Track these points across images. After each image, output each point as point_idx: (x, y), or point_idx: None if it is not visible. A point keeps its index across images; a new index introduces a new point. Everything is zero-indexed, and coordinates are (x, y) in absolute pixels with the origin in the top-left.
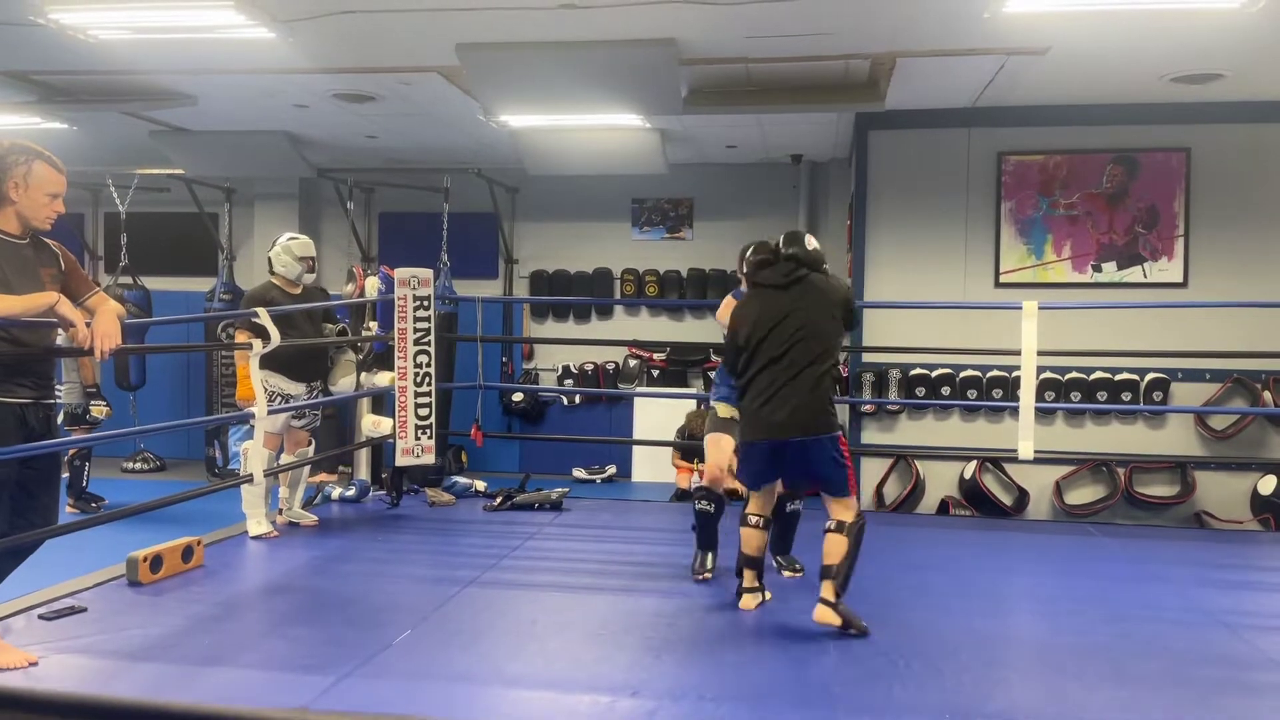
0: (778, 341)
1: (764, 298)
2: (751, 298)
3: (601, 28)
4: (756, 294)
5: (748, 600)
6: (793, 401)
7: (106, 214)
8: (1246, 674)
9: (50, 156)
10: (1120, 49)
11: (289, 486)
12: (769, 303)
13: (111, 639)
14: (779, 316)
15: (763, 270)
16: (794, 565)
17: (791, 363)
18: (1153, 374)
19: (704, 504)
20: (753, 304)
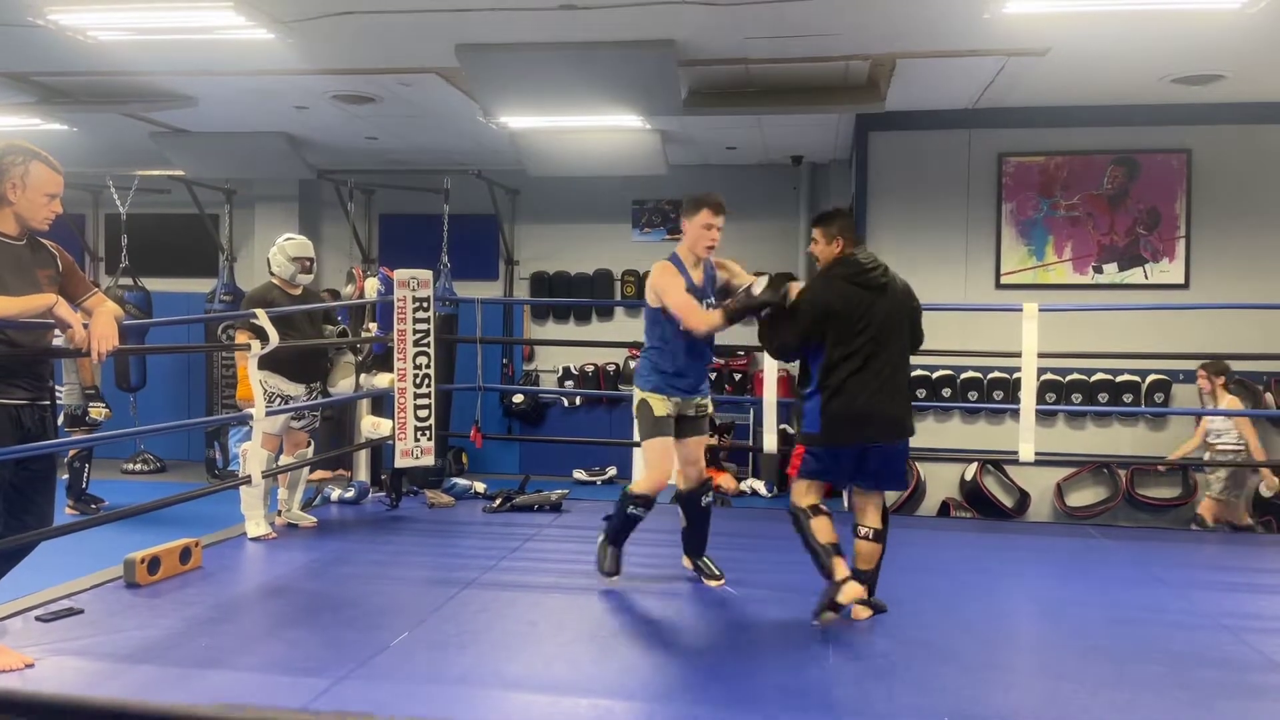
0: (872, 342)
1: (850, 294)
2: (833, 289)
3: (601, 29)
4: (840, 288)
5: (853, 589)
6: (889, 406)
7: (107, 215)
8: (1247, 676)
9: (47, 157)
10: (1121, 50)
11: (288, 488)
12: (858, 300)
13: (108, 641)
14: (873, 317)
15: (854, 267)
16: (714, 571)
17: (886, 364)
18: (1154, 375)
19: (639, 509)
20: (835, 296)
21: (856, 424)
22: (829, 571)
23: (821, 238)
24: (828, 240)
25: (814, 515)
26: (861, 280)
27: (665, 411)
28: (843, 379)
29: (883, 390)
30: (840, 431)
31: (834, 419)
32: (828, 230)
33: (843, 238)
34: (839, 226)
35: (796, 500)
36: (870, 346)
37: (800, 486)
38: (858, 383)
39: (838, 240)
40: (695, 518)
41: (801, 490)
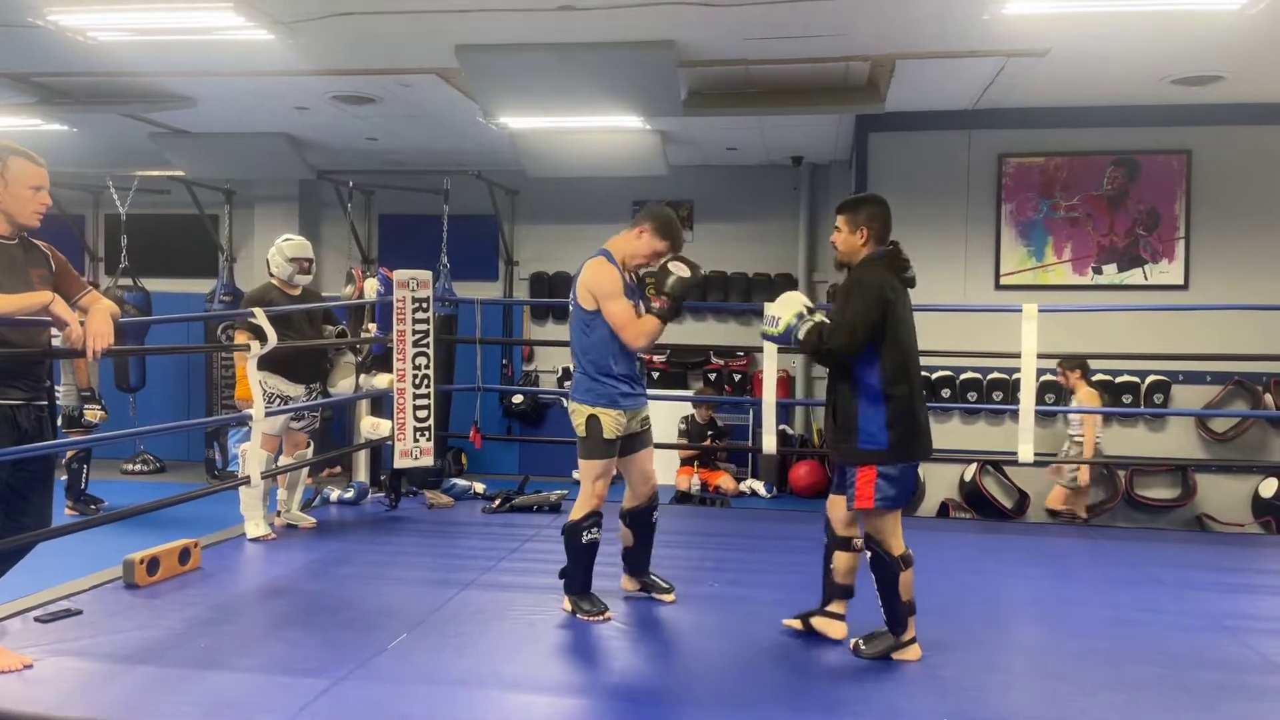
0: (914, 344)
1: (899, 289)
2: (892, 287)
3: (600, 29)
4: (893, 281)
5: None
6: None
7: (106, 216)
8: (1246, 678)
9: (25, 150)
10: (1120, 51)
11: (287, 488)
12: (906, 302)
13: (107, 641)
14: (910, 316)
15: (900, 263)
16: (663, 585)
17: (919, 372)
18: (1153, 376)
19: (595, 531)
20: (897, 297)
21: (924, 436)
22: (901, 630)
23: (845, 226)
24: (852, 229)
25: (907, 567)
26: (903, 276)
27: (615, 433)
28: (907, 383)
29: (921, 392)
30: (915, 444)
31: (908, 430)
32: (853, 218)
33: (868, 229)
34: (867, 215)
35: (887, 540)
36: (914, 349)
37: (887, 523)
38: (914, 388)
39: (863, 231)
40: (645, 536)
41: (890, 527)
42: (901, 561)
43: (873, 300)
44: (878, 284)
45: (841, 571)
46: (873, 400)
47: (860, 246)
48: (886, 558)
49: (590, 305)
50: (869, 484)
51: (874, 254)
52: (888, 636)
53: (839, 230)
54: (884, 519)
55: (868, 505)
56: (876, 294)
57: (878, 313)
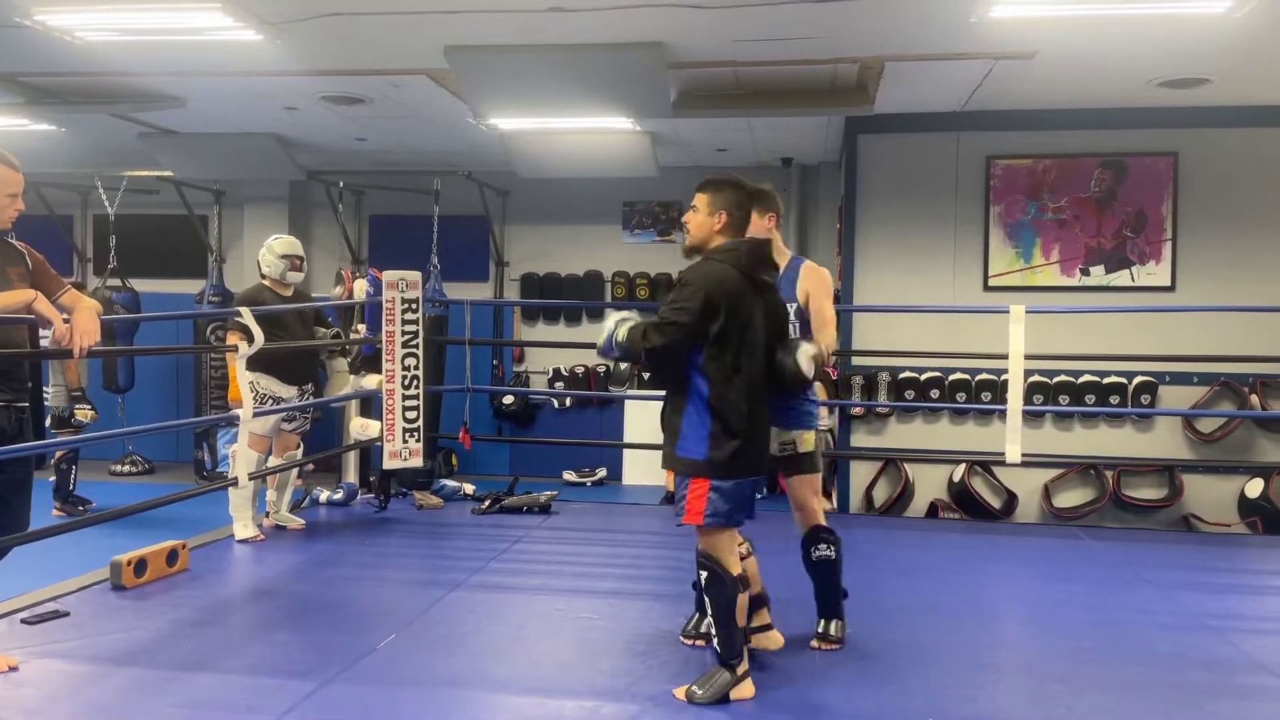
0: (751, 345)
1: (740, 286)
2: (732, 284)
3: (589, 31)
4: (732, 276)
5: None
6: (765, 418)
7: (95, 216)
8: (1232, 677)
9: (6, 156)
10: (1107, 53)
11: (276, 489)
12: (745, 297)
13: (94, 643)
14: (753, 318)
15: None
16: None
17: (759, 373)
18: (1141, 377)
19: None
20: (738, 297)
21: (757, 448)
22: (736, 661)
23: (704, 206)
24: (710, 211)
25: (743, 589)
26: (751, 274)
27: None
28: (739, 391)
29: (762, 406)
30: (745, 459)
31: (736, 442)
32: (714, 199)
33: (726, 215)
34: (728, 200)
35: (721, 558)
36: (751, 353)
37: (723, 541)
38: (749, 396)
39: (720, 216)
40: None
41: (726, 545)
42: (740, 582)
43: (701, 296)
44: (713, 279)
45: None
46: (699, 408)
47: (714, 232)
48: (725, 577)
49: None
50: (700, 498)
51: (727, 245)
52: (723, 673)
53: (695, 210)
54: (718, 536)
55: (696, 520)
56: (707, 290)
57: (705, 310)
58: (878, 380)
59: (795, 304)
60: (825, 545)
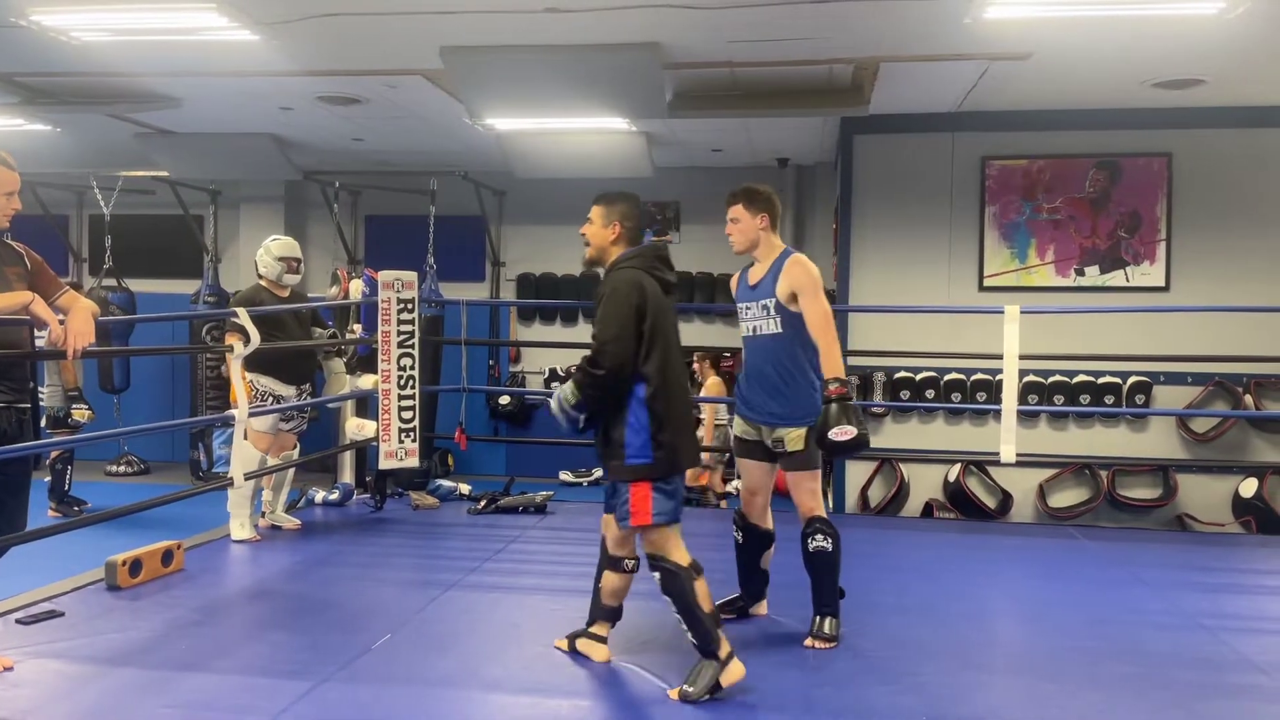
0: (672, 348)
1: (655, 288)
2: (647, 282)
3: (585, 31)
4: (648, 281)
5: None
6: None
7: (91, 216)
8: (1225, 676)
9: (1, 155)
10: (1101, 54)
11: (272, 489)
12: (660, 299)
13: (89, 644)
14: (668, 318)
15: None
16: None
17: (682, 372)
18: (1135, 377)
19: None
20: (654, 300)
21: (689, 444)
22: (713, 646)
23: (598, 218)
24: (605, 222)
25: (699, 575)
26: (661, 277)
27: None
28: (669, 391)
29: (686, 399)
30: (681, 454)
31: (673, 440)
32: (608, 211)
33: (621, 225)
34: (621, 211)
35: (669, 554)
36: (672, 354)
37: (668, 538)
38: (676, 395)
39: (615, 226)
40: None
41: (672, 540)
42: (693, 570)
43: (630, 308)
44: (635, 285)
45: (608, 592)
46: (637, 413)
47: (611, 243)
48: (678, 570)
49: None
50: (644, 499)
51: (629, 253)
52: (707, 665)
53: (590, 222)
54: (663, 533)
55: (645, 521)
56: (635, 301)
57: (636, 316)
58: (873, 380)
59: (774, 299)
60: (822, 536)
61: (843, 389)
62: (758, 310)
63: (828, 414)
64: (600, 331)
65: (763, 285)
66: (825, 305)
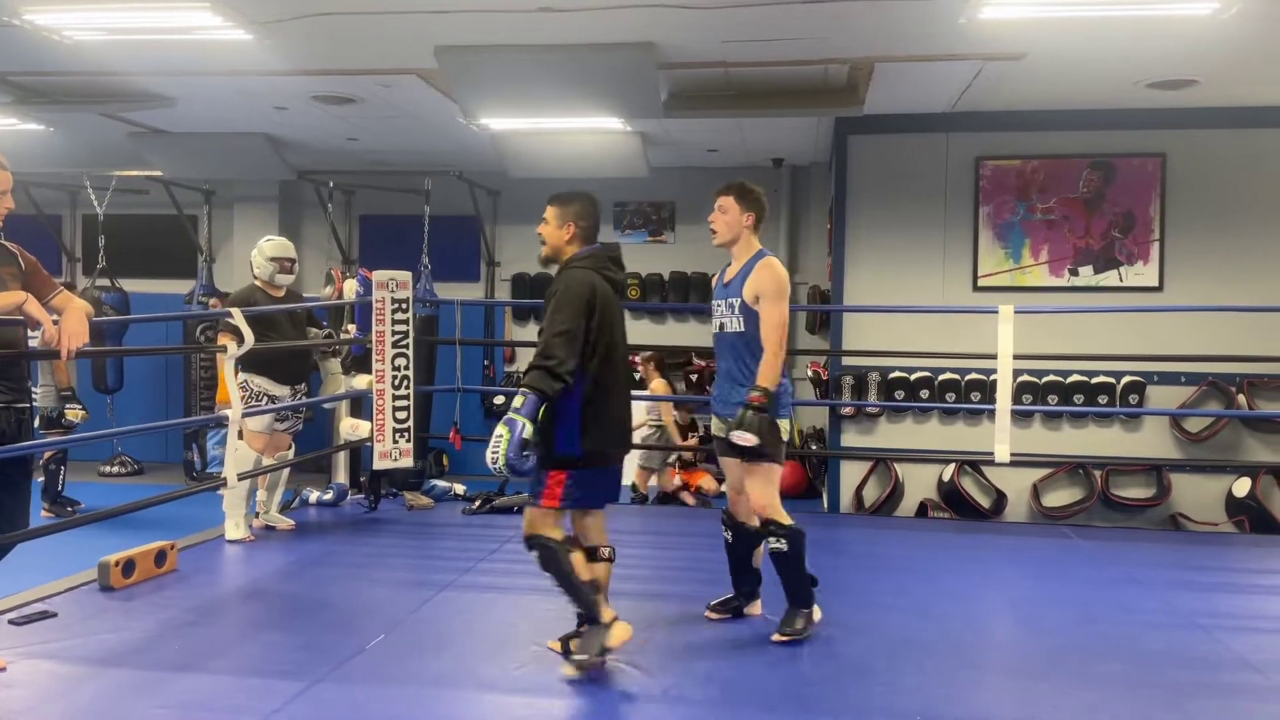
0: (615, 346)
1: (604, 289)
2: (597, 282)
3: (580, 31)
4: (597, 280)
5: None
6: (628, 414)
7: (84, 216)
8: (1218, 675)
9: None
10: (1096, 55)
11: (267, 490)
12: (609, 297)
13: (82, 644)
14: (615, 318)
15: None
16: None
17: (624, 369)
18: (1129, 377)
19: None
20: (604, 299)
21: (619, 438)
22: (595, 613)
23: (553, 219)
24: (560, 223)
25: (573, 549)
26: (611, 278)
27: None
28: (608, 389)
29: (623, 399)
30: (608, 451)
31: (600, 434)
32: (562, 212)
33: (575, 225)
34: (575, 211)
35: (544, 532)
36: (613, 352)
37: (546, 517)
38: (614, 393)
39: (570, 227)
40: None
41: (549, 521)
42: (569, 543)
43: (580, 306)
44: (585, 285)
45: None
46: (572, 407)
47: (566, 243)
48: (553, 545)
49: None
50: (559, 484)
51: (582, 253)
52: (593, 632)
53: (546, 222)
54: (544, 517)
55: (554, 505)
56: (584, 299)
57: (586, 316)
58: (868, 380)
59: (739, 298)
60: (775, 539)
61: (763, 399)
62: (725, 308)
63: (742, 416)
64: (550, 326)
65: (733, 284)
66: (783, 314)
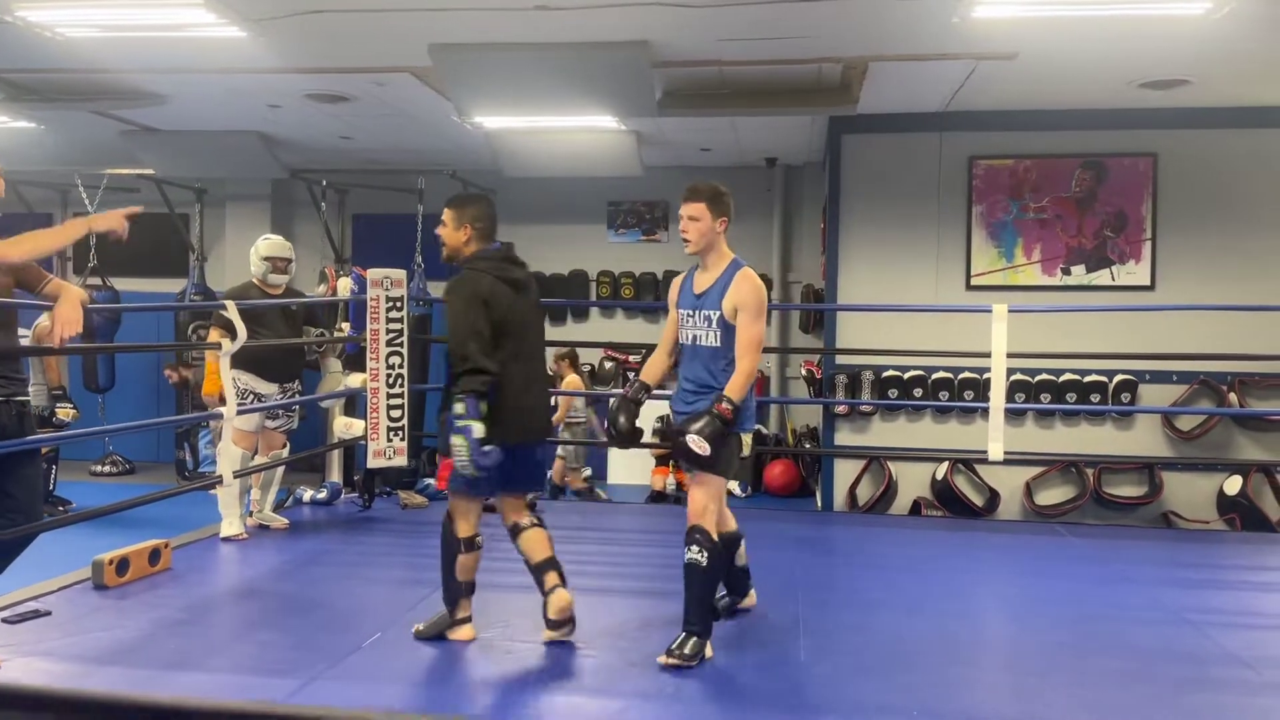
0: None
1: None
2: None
3: (574, 29)
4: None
5: (468, 631)
6: (535, 404)
7: (75, 214)
8: (1210, 670)
9: None
10: (1088, 55)
11: (260, 488)
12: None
13: (75, 643)
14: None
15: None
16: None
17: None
18: (1121, 376)
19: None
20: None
21: (511, 425)
22: (454, 607)
23: (450, 222)
24: (456, 225)
25: (466, 550)
26: (506, 276)
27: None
28: (506, 382)
29: (528, 389)
30: (505, 437)
31: (497, 423)
32: (459, 215)
33: (472, 228)
34: (472, 214)
35: (457, 520)
36: (515, 345)
37: (459, 505)
38: (510, 385)
39: (467, 229)
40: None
41: (463, 510)
42: (464, 544)
43: (475, 307)
44: (477, 286)
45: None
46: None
47: (464, 244)
48: (450, 536)
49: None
50: (449, 468)
51: (480, 253)
52: (443, 617)
53: (444, 225)
54: (459, 501)
55: (441, 486)
56: (471, 299)
57: (482, 314)
58: (861, 379)
59: (718, 312)
60: (697, 549)
61: (729, 412)
62: (699, 321)
63: (703, 420)
64: (454, 336)
65: (709, 295)
66: (761, 331)
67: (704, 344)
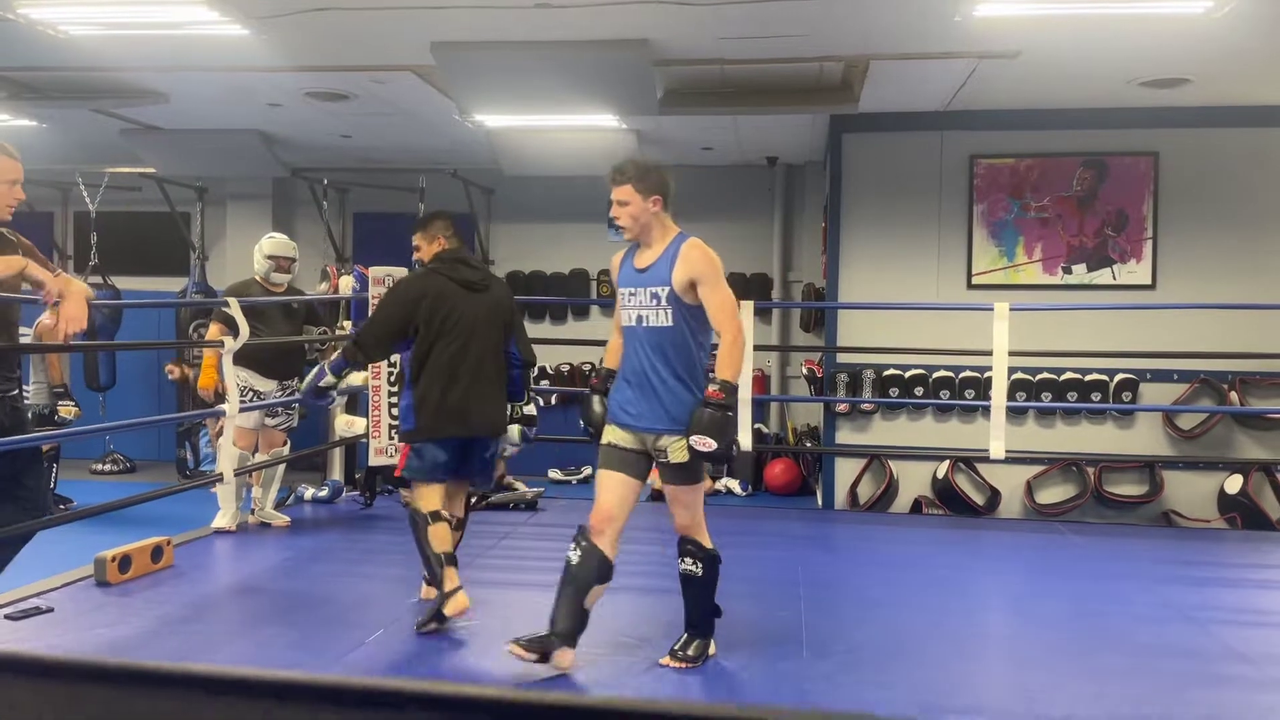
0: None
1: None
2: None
3: (576, 27)
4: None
5: (461, 601)
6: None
7: (76, 213)
8: (1211, 666)
9: (4, 145)
10: (1089, 54)
11: (261, 486)
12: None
13: (78, 639)
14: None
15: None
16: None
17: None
18: (1122, 374)
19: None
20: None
21: (451, 417)
22: (439, 581)
23: (422, 242)
24: (428, 242)
25: (433, 522)
26: (457, 276)
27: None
28: (440, 373)
29: (474, 386)
30: (436, 426)
31: (430, 414)
32: (427, 233)
33: (443, 236)
34: (437, 227)
35: (416, 501)
36: (460, 342)
37: (421, 489)
38: (447, 377)
39: (439, 240)
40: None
41: (420, 493)
42: (430, 516)
43: (398, 302)
44: (411, 287)
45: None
46: (409, 389)
47: (432, 250)
48: (418, 517)
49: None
50: (404, 456)
51: (439, 254)
52: (438, 598)
53: (418, 249)
54: (419, 488)
55: (398, 471)
56: (403, 296)
57: (399, 315)
58: (862, 377)
59: (667, 287)
60: (691, 560)
61: (721, 395)
62: (645, 298)
63: (699, 417)
64: (370, 316)
65: (654, 270)
66: (730, 295)
67: (652, 324)
